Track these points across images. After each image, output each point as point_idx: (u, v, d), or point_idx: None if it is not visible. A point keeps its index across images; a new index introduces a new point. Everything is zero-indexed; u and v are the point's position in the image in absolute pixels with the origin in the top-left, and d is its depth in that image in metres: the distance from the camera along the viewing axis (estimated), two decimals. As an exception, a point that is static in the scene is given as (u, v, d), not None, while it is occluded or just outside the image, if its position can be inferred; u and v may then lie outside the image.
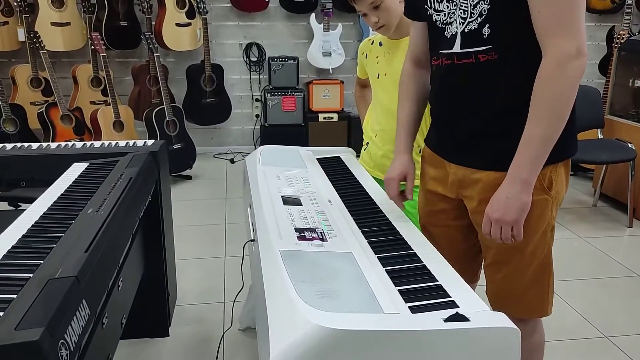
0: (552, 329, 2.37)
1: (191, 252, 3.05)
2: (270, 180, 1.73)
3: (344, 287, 1.09)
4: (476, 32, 1.28)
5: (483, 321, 0.97)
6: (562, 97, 1.21)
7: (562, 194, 1.39)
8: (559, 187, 1.36)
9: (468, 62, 1.32)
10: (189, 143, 4.31)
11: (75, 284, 1.11)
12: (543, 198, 1.34)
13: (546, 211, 1.36)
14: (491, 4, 1.25)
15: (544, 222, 1.37)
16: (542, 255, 1.40)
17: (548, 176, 1.33)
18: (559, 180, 1.36)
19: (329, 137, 4.89)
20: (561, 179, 1.37)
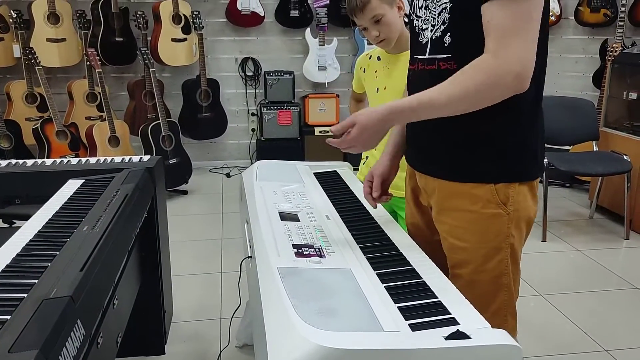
0: (552, 343, 2.35)
1: (187, 268, 3.03)
2: (267, 196, 1.72)
3: (343, 305, 1.07)
4: (439, 40, 1.30)
5: (484, 339, 0.96)
6: (476, 93, 1.18)
7: (526, 214, 1.33)
8: (519, 205, 1.31)
9: (432, 69, 1.33)
10: (184, 158, 4.30)
11: (70, 304, 1.10)
12: (496, 212, 1.30)
13: (501, 227, 1.31)
14: (451, 12, 1.25)
15: (497, 237, 1.32)
16: (496, 274, 1.34)
17: (503, 191, 1.30)
18: (520, 199, 1.31)
19: (325, 151, 4.84)
20: (524, 199, 1.32)
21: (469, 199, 1.32)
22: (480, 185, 1.30)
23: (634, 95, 3.70)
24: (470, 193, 1.31)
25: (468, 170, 1.32)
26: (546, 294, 2.74)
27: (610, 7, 4.68)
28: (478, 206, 1.31)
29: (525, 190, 1.32)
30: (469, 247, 1.34)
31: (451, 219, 1.37)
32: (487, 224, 1.31)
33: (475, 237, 1.33)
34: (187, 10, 4.45)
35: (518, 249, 1.35)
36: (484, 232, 1.32)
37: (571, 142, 3.98)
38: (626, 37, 4.57)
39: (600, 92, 4.22)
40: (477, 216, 1.32)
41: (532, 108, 1.30)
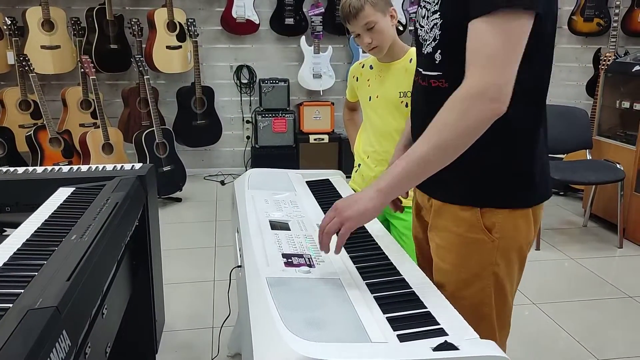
0: (545, 352, 2.35)
1: (180, 276, 3.01)
2: (258, 204, 1.72)
3: (331, 315, 1.06)
4: (431, 56, 1.26)
5: (472, 350, 0.95)
6: (453, 128, 1.11)
7: (516, 243, 1.27)
8: (506, 233, 1.24)
9: (425, 86, 1.31)
10: (178, 165, 4.29)
11: (56, 314, 1.08)
12: (479, 237, 1.25)
13: (484, 254, 1.26)
14: (441, 29, 1.21)
15: (479, 264, 1.27)
16: (475, 302, 1.27)
17: (489, 217, 1.24)
18: (508, 227, 1.24)
19: (320, 159, 4.89)
20: (513, 227, 1.25)
21: (454, 221, 1.28)
22: (466, 207, 1.26)
23: (626, 104, 3.72)
24: (456, 214, 1.28)
25: (455, 191, 1.29)
26: (540, 303, 2.73)
27: (603, 16, 4.70)
28: (462, 229, 1.27)
29: (517, 218, 1.24)
30: (449, 270, 1.31)
31: (438, 238, 1.35)
32: (469, 249, 1.27)
33: (457, 260, 1.29)
34: (182, 18, 4.46)
35: (505, 279, 1.27)
36: (465, 257, 1.28)
37: (565, 151, 3.99)
38: (619, 47, 4.59)
39: (594, 100, 4.24)
40: (461, 239, 1.28)
41: (530, 134, 1.24)
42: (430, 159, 1.14)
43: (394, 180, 1.18)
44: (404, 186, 1.20)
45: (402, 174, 1.17)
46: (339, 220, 1.20)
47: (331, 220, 1.21)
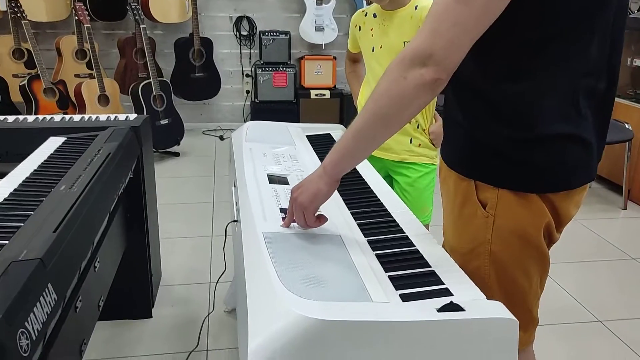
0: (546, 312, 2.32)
1: (177, 231, 2.97)
2: (256, 158, 1.65)
3: (330, 273, 1.01)
4: None
5: (479, 311, 0.90)
6: (388, 96, 1.02)
7: (516, 225, 1.13)
8: (502, 213, 1.13)
9: None
10: (176, 119, 4.20)
11: (40, 267, 1.03)
12: (473, 211, 1.16)
13: (477, 229, 1.16)
14: None
15: (474, 240, 1.18)
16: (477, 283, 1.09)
17: (483, 192, 1.14)
18: (504, 207, 1.13)
19: (321, 115, 4.79)
20: (510, 208, 1.13)
21: (455, 189, 1.21)
22: (463, 177, 1.18)
23: (638, 61, 3.60)
24: (456, 182, 1.20)
25: (454, 157, 1.21)
26: (541, 263, 2.69)
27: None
28: (459, 199, 1.19)
29: (514, 200, 1.12)
30: (451, 242, 1.25)
31: (444, 204, 1.29)
32: (464, 221, 1.19)
33: (455, 233, 1.22)
34: (179, -35, 4.29)
35: (507, 262, 1.16)
36: (461, 230, 1.20)
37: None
38: (632, 2, 4.43)
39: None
40: (458, 210, 1.20)
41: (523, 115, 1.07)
42: (367, 131, 1.06)
43: (335, 156, 1.11)
44: (348, 161, 1.11)
45: (342, 149, 1.10)
46: (299, 210, 1.15)
47: (292, 209, 1.17)
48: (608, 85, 1.10)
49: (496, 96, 1.08)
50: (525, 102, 1.06)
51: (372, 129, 1.05)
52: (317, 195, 1.12)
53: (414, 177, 1.91)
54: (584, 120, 1.08)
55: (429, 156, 1.91)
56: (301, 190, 1.14)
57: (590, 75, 1.06)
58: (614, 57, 1.10)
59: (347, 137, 1.09)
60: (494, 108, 1.10)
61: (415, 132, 1.89)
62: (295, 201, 1.15)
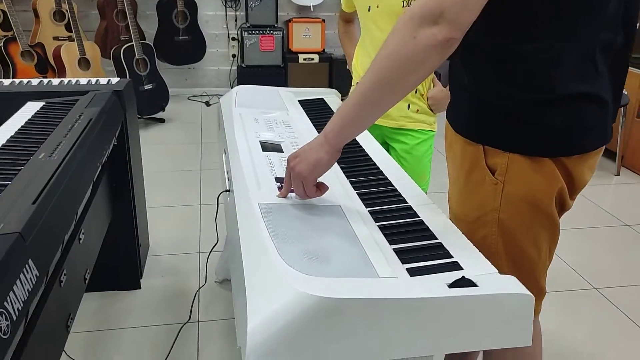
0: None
1: (164, 200, 2.89)
2: (247, 124, 1.57)
3: (332, 247, 0.95)
4: None
5: (492, 286, 0.85)
6: (394, 58, 0.93)
7: (526, 191, 1.08)
8: (512, 178, 1.07)
9: None
10: (161, 84, 4.06)
11: (19, 241, 0.95)
12: (481, 177, 1.10)
13: (485, 196, 1.11)
14: None
15: (482, 208, 1.12)
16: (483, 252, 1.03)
17: (492, 157, 1.08)
18: (515, 173, 1.07)
19: (310, 80, 4.68)
20: (521, 174, 1.07)
21: (462, 154, 1.14)
22: (470, 142, 1.11)
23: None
24: (463, 147, 1.13)
25: (462, 120, 1.14)
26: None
27: None
28: (466, 165, 1.13)
29: (526, 165, 1.06)
30: (456, 211, 1.19)
31: (449, 171, 1.23)
32: (471, 188, 1.13)
33: (461, 200, 1.16)
34: None
35: (516, 230, 1.11)
36: (468, 197, 1.15)
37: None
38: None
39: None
40: (465, 177, 1.14)
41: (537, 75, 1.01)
42: (372, 97, 0.98)
43: (337, 123, 1.03)
44: (350, 129, 1.03)
45: (345, 116, 1.02)
46: (297, 180, 1.07)
47: (290, 179, 1.09)
48: (625, 39, 1.04)
49: (510, 56, 1.01)
50: (542, 60, 1.00)
51: (376, 95, 0.98)
52: (317, 164, 1.05)
53: (412, 144, 1.84)
54: (600, 77, 1.02)
55: (427, 122, 1.84)
56: (300, 159, 1.06)
57: (609, 29, 1.00)
58: (630, 10, 1.03)
59: (349, 104, 1.01)
60: (506, 69, 1.03)
61: (413, 98, 1.81)
62: (293, 170, 1.07)
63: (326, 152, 1.04)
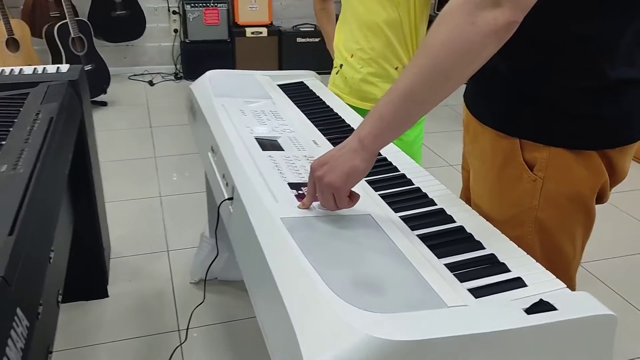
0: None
1: (120, 193, 2.67)
2: (234, 117, 1.41)
3: (381, 269, 0.83)
4: None
5: (573, 309, 0.76)
6: (450, 47, 0.81)
7: (570, 187, 1.00)
8: (554, 174, 0.99)
9: None
10: (100, 64, 3.75)
11: (4, 287, 0.78)
12: (517, 174, 1.01)
13: (522, 194, 1.02)
14: None
15: (518, 207, 1.03)
16: None
17: (530, 152, 1.00)
18: (557, 167, 0.98)
19: (259, 55, 4.48)
20: (565, 168, 0.98)
21: (492, 148, 1.04)
22: (504, 136, 1.01)
23: None
24: (493, 140, 1.03)
25: (492, 111, 1.04)
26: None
27: None
28: (499, 159, 1.03)
29: (571, 159, 0.97)
30: (484, 209, 1.09)
31: (474, 167, 1.13)
32: (505, 186, 1.03)
33: (491, 199, 1.06)
34: None
35: (555, 229, 1.02)
36: (500, 195, 1.05)
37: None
38: None
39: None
40: (497, 173, 1.04)
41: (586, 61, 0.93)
42: (420, 93, 0.85)
43: (377, 125, 0.88)
44: (392, 131, 0.90)
45: (386, 117, 0.88)
46: (327, 191, 0.92)
47: (314, 189, 0.94)
48: None
49: (561, 39, 0.92)
50: (595, 45, 0.91)
51: (425, 91, 0.85)
52: (351, 174, 0.91)
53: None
54: None
55: (417, 105, 1.74)
56: (329, 168, 0.92)
57: None
58: None
59: (390, 102, 0.88)
60: (554, 54, 0.93)
61: (402, 78, 1.70)
62: (321, 181, 0.93)
63: (362, 160, 0.91)
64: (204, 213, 2.04)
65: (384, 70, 1.67)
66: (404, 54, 1.66)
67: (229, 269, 1.96)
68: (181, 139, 3.30)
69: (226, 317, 1.88)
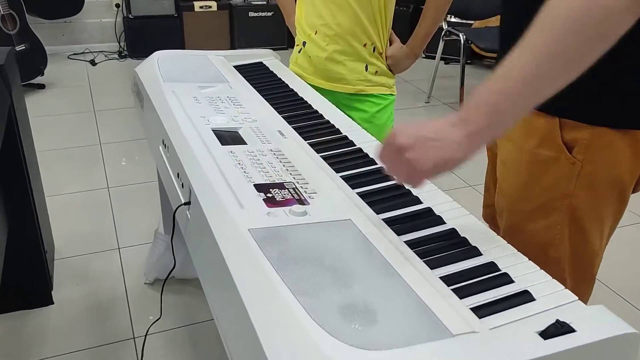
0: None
1: (62, 186, 2.46)
2: (187, 105, 1.25)
3: (369, 289, 0.71)
4: None
5: (592, 330, 0.66)
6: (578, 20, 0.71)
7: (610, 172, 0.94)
8: (595, 156, 0.92)
9: None
10: (35, 43, 3.47)
11: None
12: (553, 156, 0.95)
13: (557, 179, 0.95)
14: None
15: (550, 193, 0.97)
16: (540, 241, 0.99)
17: (571, 132, 0.93)
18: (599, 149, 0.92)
19: (209, 31, 4.26)
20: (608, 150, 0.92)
21: (525, 130, 0.96)
22: (540, 113, 0.92)
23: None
24: (527, 121, 0.95)
25: None
26: (475, 185, 2.59)
27: None
28: (533, 142, 0.95)
29: (616, 140, 0.90)
30: (511, 195, 1.02)
31: (502, 151, 1.05)
32: (538, 170, 0.96)
33: (520, 184, 0.99)
34: None
35: (586, 218, 0.96)
36: (531, 180, 0.97)
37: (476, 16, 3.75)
38: None
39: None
40: (529, 157, 0.96)
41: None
42: (540, 76, 0.74)
43: (485, 118, 0.75)
44: (502, 123, 0.77)
45: (497, 106, 0.74)
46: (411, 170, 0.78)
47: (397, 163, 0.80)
48: None
49: None
50: None
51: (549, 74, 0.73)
52: (446, 165, 0.76)
53: (372, 111, 1.61)
54: None
55: (387, 85, 1.62)
56: (422, 152, 0.76)
57: None
58: None
59: (502, 90, 0.74)
60: None
61: (371, 57, 1.57)
62: (409, 163, 0.77)
63: (464, 154, 0.76)
64: (157, 204, 1.88)
65: (352, 47, 1.54)
66: (373, 30, 1.52)
67: (187, 267, 1.81)
68: (129, 123, 3.09)
69: (186, 319, 1.74)
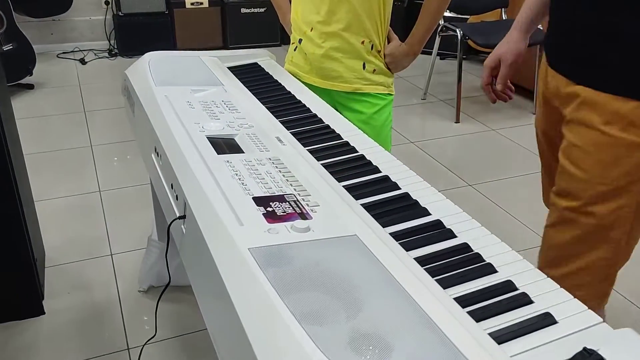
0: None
1: (52, 190, 2.40)
2: (180, 111, 1.19)
3: (382, 316, 0.66)
4: None
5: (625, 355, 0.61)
6: None
7: None
8: None
9: None
10: (23, 42, 3.39)
11: None
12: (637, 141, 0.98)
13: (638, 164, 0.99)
14: None
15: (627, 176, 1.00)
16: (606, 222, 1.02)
17: None
18: None
19: (201, 28, 4.19)
20: None
21: (605, 115, 0.99)
22: (625, 99, 0.97)
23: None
24: (608, 107, 0.99)
25: (614, 74, 0.99)
26: (475, 184, 2.54)
27: None
28: (615, 127, 0.99)
29: None
30: (581, 178, 1.03)
31: (574, 135, 1.05)
32: (618, 155, 0.99)
33: (596, 167, 1.01)
34: None
35: None
36: (610, 164, 1.00)
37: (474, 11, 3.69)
38: None
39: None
40: (609, 141, 1.00)
41: None
42: None
43: None
44: None
45: None
46: None
47: None
48: None
49: None
50: None
51: None
52: None
53: (369, 112, 1.55)
54: None
55: (385, 84, 1.56)
56: None
57: None
58: None
59: None
60: None
61: (369, 55, 1.52)
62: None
63: None
64: (151, 207, 1.82)
65: (349, 44, 1.48)
66: (371, 26, 1.47)
67: (181, 274, 1.76)
68: (120, 124, 3.02)
69: (182, 329, 1.69)
